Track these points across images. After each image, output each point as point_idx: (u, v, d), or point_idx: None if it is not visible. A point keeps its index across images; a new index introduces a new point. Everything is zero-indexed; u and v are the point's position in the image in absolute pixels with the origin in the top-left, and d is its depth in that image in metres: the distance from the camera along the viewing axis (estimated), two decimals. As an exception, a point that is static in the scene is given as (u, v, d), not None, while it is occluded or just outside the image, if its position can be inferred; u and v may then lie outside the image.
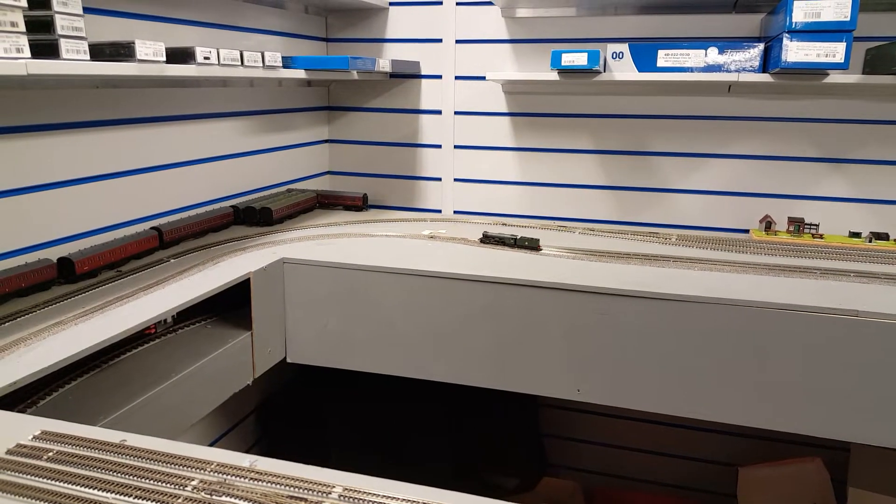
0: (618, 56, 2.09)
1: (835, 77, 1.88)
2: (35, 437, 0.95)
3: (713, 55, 2.01)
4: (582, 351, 1.67)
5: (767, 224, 2.19)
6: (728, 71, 2.00)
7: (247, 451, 2.45)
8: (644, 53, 2.06)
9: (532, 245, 1.99)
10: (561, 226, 2.34)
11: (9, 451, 0.91)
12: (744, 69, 1.99)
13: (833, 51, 1.78)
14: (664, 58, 2.05)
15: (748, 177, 2.26)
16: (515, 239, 2.01)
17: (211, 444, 2.27)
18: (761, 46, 1.97)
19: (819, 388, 1.53)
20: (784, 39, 1.81)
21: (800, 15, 1.80)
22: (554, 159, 2.46)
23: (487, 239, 2.06)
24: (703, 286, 1.62)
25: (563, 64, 2.05)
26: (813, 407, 1.55)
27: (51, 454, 0.90)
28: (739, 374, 1.57)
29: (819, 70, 1.85)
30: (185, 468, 0.89)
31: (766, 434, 2.34)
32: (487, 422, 2.53)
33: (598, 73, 2.07)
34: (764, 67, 1.99)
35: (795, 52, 1.81)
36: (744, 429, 1.65)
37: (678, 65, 2.04)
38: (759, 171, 2.25)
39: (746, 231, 2.28)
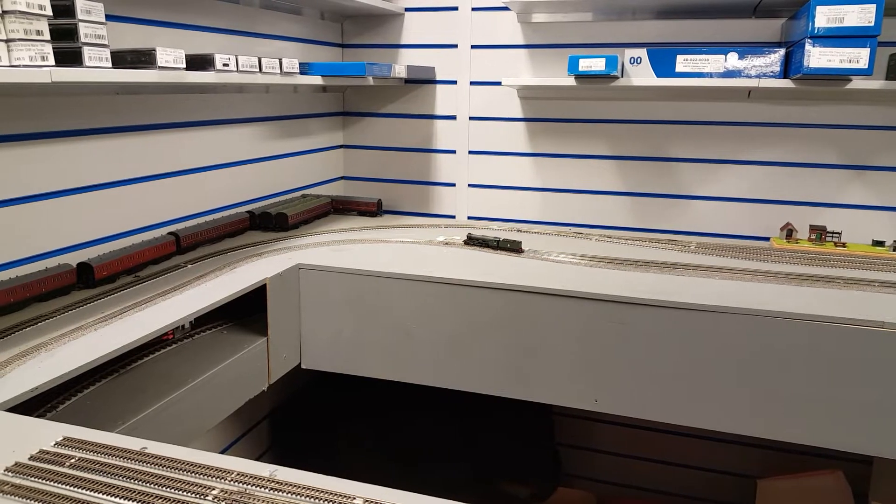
0: (636, 61, 2.07)
1: (858, 83, 1.86)
2: (57, 444, 0.95)
3: (733, 60, 1.99)
4: (599, 360, 1.65)
5: (789, 232, 2.16)
6: (748, 76, 1.98)
7: (259, 457, 2.45)
8: (663, 58, 2.05)
9: (514, 247, 2.00)
10: (577, 232, 2.32)
11: (32, 457, 0.91)
12: (764, 75, 1.97)
13: (856, 56, 1.76)
14: (683, 63, 2.03)
15: (768, 184, 2.24)
16: (498, 241, 2.02)
17: (224, 450, 2.27)
18: (782, 52, 1.95)
19: (842, 400, 1.50)
20: (806, 45, 1.79)
21: (822, 20, 1.78)
22: (570, 165, 2.44)
23: (471, 241, 2.06)
24: (723, 295, 1.60)
25: (580, 69, 2.04)
26: (835, 419, 1.52)
27: (73, 461, 0.90)
28: (760, 385, 1.55)
29: (842, 76, 1.83)
30: (205, 477, 0.88)
31: (785, 446, 2.29)
32: (502, 431, 2.51)
33: (616, 78, 2.06)
34: (785, 73, 1.96)
35: (818, 57, 1.79)
36: (763, 440, 1.62)
37: (697, 70, 2.02)
38: (779, 178, 2.22)
39: (767, 239, 2.26)
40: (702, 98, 2.25)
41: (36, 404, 1.19)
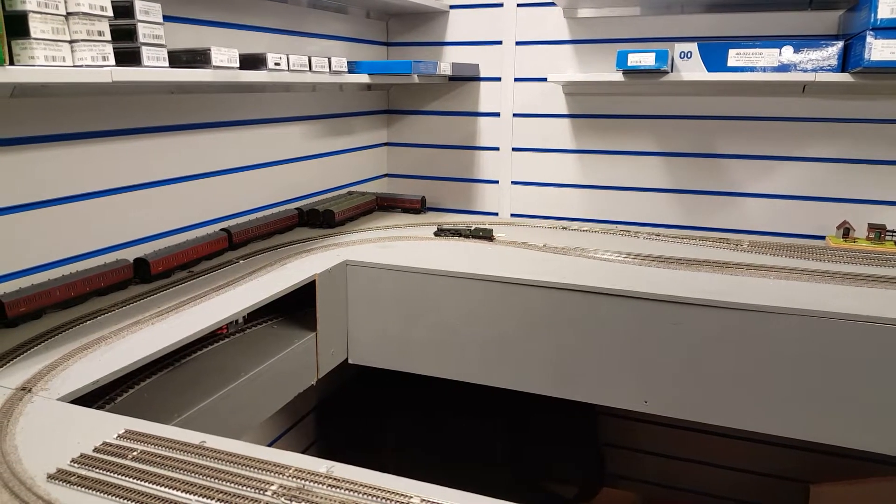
0: (686, 56, 2.03)
1: (922, 76, 1.78)
2: (120, 436, 0.97)
3: (788, 54, 1.92)
4: (650, 361, 1.62)
5: (845, 231, 2.09)
6: (804, 70, 1.92)
7: (305, 450, 2.49)
8: (714, 53, 2.00)
9: (486, 235, 2.04)
10: (623, 230, 2.29)
11: (96, 449, 0.94)
12: (821, 68, 1.90)
13: (923, 48, 1.69)
14: (735, 57, 1.98)
15: (824, 180, 2.16)
16: (470, 230, 2.06)
17: (272, 443, 2.31)
18: (840, 45, 1.88)
19: (905, 404, 1.45)
20: (868, 37, 1.72)
21: (886, 11, 1.71)
22: (616, 162, 2.40)
23: (442, 232, 2.09)
24: (778, 296, 1.56)
25: (629, 64, 2.00)
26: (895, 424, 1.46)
27: (135, 453, 0.93)
28: (817, 388, 1.50)
29: (906, 69, 1.76)
30: (263, 472, 0.89)
31: (840, 450, 2.23)
32: (545, 430, 2.49)
33: (666, 73, 2.02)
34: (843, 67, 1.89)
35: (881, 50, 1.72)
36: (816, 444, 1.57)
37: (750, 64, 1.96)
38: (835, 175, 2.15)
39: (822, 238, 2.18)
40: (754, 93, 2.19)
41: (95, 396, 1.23)
